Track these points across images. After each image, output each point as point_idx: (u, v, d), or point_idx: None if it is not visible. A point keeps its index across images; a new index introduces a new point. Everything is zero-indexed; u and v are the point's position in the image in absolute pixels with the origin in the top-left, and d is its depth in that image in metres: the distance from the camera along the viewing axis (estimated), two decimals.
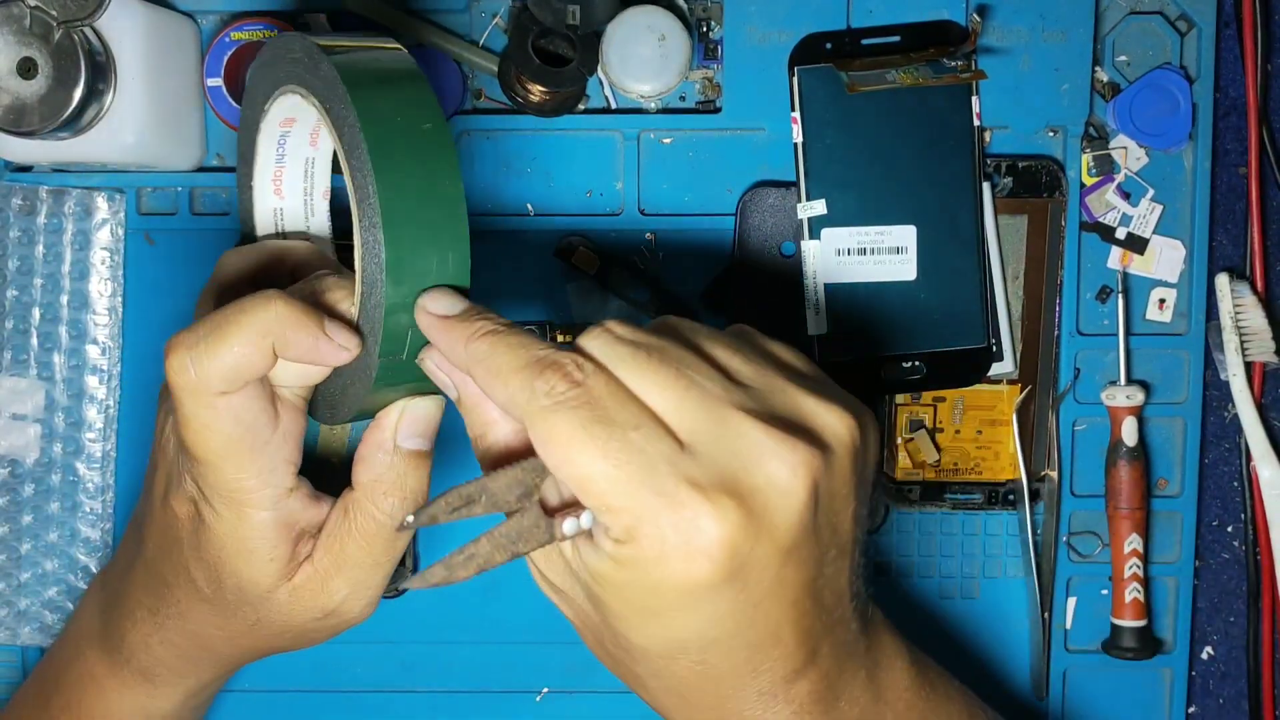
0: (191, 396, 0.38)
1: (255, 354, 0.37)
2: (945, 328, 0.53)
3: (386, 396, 0.40)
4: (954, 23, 0.53)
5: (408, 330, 0.38)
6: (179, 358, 0.37)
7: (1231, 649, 0.57)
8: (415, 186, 0.37)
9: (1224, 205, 0.56)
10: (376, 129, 0.36)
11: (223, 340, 0.37)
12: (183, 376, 0.37)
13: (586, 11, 0.50)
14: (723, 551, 0.34)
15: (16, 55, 0.47)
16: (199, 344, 0.37)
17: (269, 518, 0.40)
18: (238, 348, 0.37)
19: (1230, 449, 0.57)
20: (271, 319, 0.37)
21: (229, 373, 0.37)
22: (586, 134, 0.54)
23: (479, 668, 0.56)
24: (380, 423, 0.41)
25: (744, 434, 0.35)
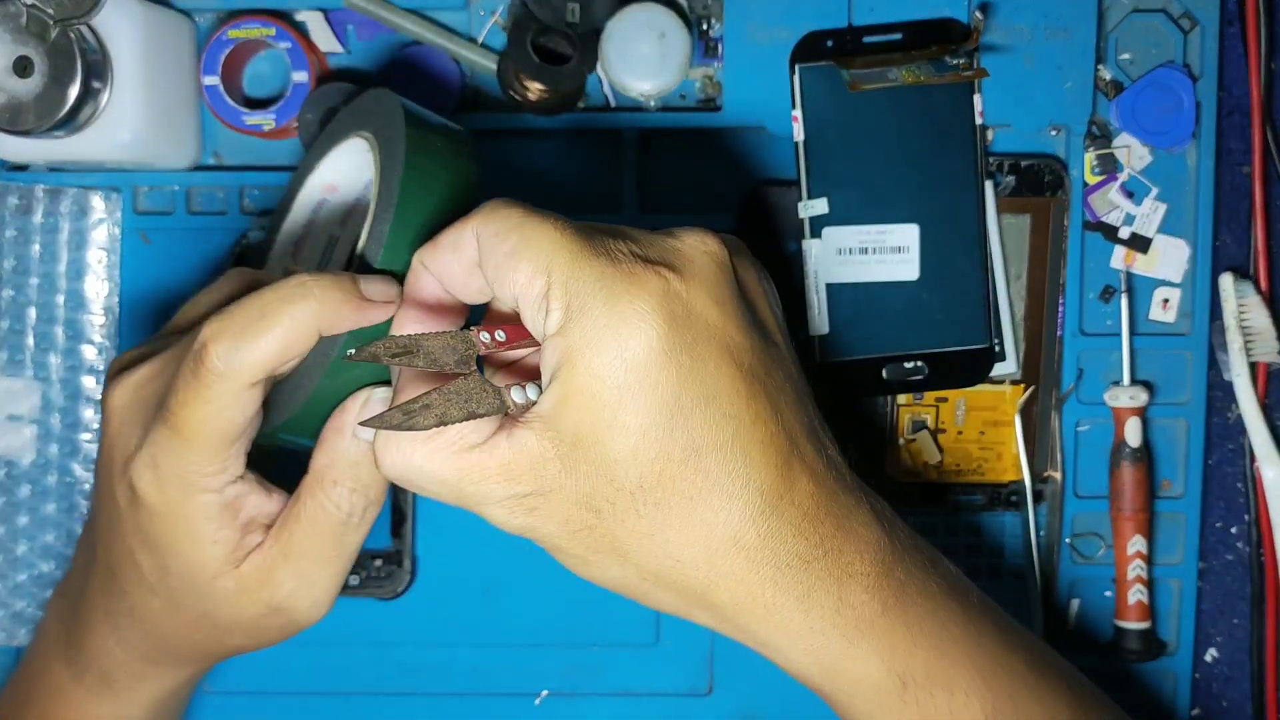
0: (223, 382, 0.37)
1: (298, 343, 0.38)
2: (947, 327, 0.53)
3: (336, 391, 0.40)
4: (956, 20, 0.53)
5: None
6: (223, 344, 0.37)
7: (1236, 651, 0.57)
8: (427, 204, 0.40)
9: (1228, 205, 0.56)
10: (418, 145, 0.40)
11: (270, 330, 0.37)
12: (223, 362, 0.37)
13: (586, 9, 0.50)
14: (659, 298, 0.35)
15: (12, 54, 0.46)
16: (246, 332, 0.37)
17: (214, 500, 0.40)
18: (288, 336, 0.37)
19: (1234, 450, 0.57)
20: (317, 303, 0.37)
21: (269, 364, 0.38)
22: (586, 133, 0.54)
23: (478, 670, 0.56)
24: (344, 407, 0.40)
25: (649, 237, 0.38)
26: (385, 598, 0.55)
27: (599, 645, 0.56)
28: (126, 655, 0.44)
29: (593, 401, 0.35)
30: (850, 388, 0.53)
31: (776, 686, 0.56)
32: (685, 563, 0.37)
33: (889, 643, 0.38)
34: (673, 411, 0.36)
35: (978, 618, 0.41)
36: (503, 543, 0.55)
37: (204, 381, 0.38)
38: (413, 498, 0.55)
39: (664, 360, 0.35)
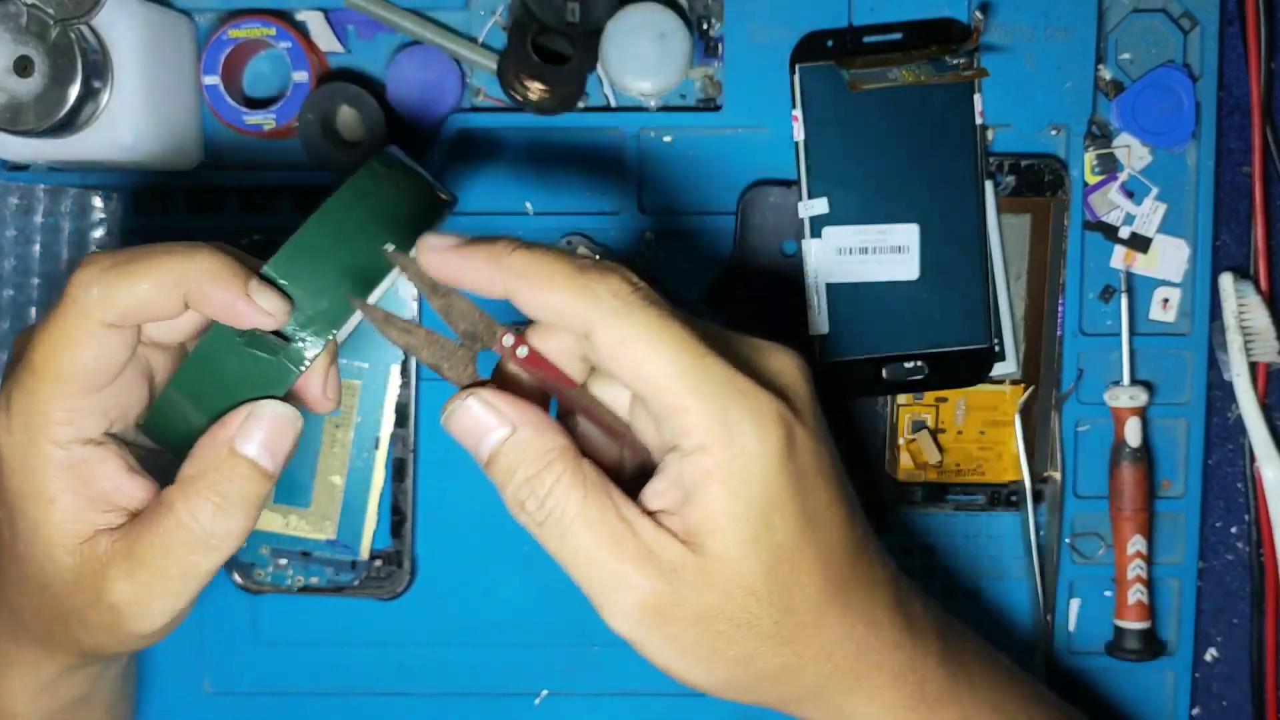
0: (79, 313, 0.37)
1: (163, 298, 0.37)
2: (947, 327, 0.53)
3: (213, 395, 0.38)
4: (956, 20, 0.53)
5: None
6: (89, 273, 0.37)
7: (1235, 651, 0.57)
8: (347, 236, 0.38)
9: (1228, 204, 0.56)
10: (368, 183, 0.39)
11: (138, 274, 0.37)
12: (82, 291, 0.36)
13: (586, 9, 0.50)
14: (783, 427, 0.36)
15: (13, 53, 0.46)
16: (113, 269, 0.37)
17: (60, 456, 0.38)
18: (149, 287, 0.37)
19: (1234, 450, 0.57)
20: (193, 269, 0.37)
21: (130, 308, 0.37)
22: (586, 133, 0.54)
23: (478, 670, 0.56)
24: (223, 421, 0.38)
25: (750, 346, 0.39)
26: (385, 598, 0.55)
27: (599, 645, 0.56)
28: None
29: (741, 523, 0.36)
30: (850, 387, 0.53)
31: None
32: (806, 660, 0.39)
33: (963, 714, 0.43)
34: (806, 524, 0.37)
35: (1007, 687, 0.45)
36: (502, 543, 0.56)
37: (62, 309, 0.37)
38: (413, 497, 0.55)
39: (797, 483, 0.37)
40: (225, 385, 0.38)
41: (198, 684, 0.56)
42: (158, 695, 0.56)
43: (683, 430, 0.36)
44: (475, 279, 0.37)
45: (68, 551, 0.38)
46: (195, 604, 0.40)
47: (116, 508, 0.39)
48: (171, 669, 0.56)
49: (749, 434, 0.36)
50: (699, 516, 0.36)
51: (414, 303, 0.54)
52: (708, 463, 0.36)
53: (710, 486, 0.36)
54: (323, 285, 0.38)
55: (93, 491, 0.38)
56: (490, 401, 0.37)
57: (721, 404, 0.36)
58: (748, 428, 0.36)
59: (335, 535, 0.54)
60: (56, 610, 0.39)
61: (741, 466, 0.36)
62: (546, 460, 0.37)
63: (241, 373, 0.38)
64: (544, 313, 0.37)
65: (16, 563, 0.40)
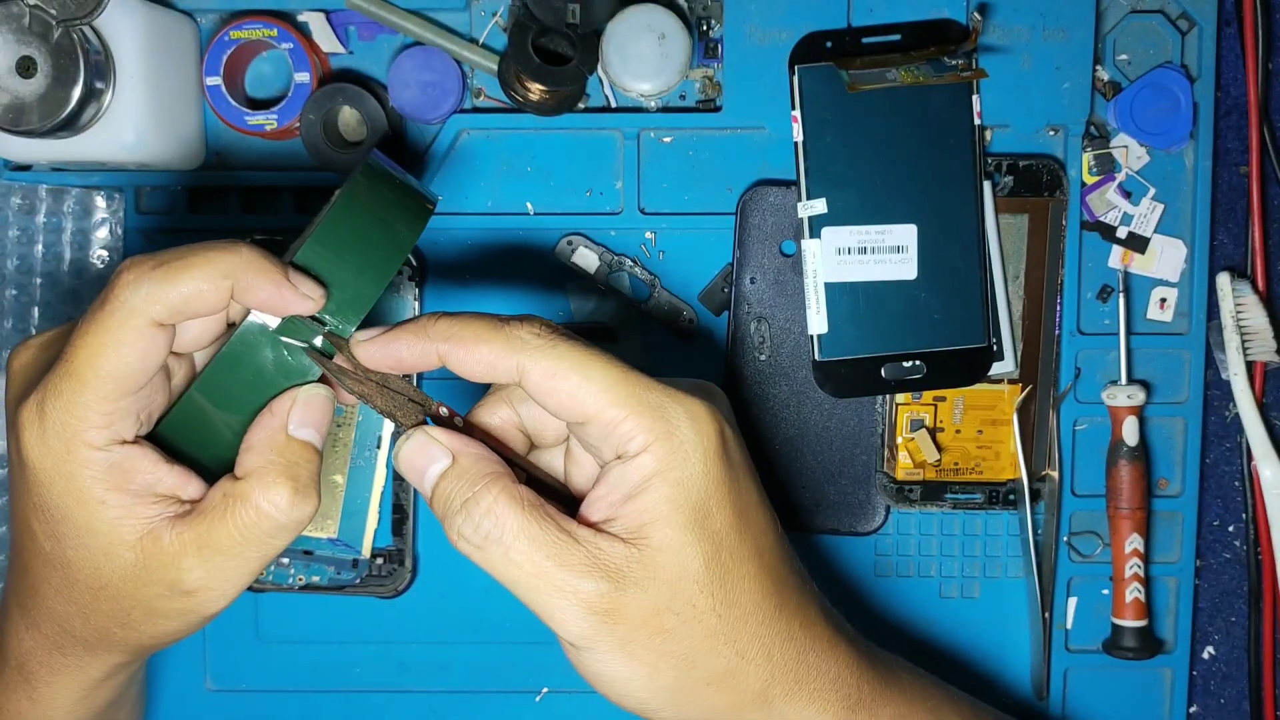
0: (127, 312, 0.37)
1: (212, 292, 0.38)
2: (946, 327, 0.53)
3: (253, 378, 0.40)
4: (955, 21, 0.53)
5: None
6: (135, 273, 0.37)
7: (1233, 649, 0.57)
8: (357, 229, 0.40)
9: (1225, 204, 0.56)
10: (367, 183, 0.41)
11: (185, 270, 0.37)
12: (130, 291, 0.37)
13: (586, 10, 0.50)
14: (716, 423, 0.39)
15: (16, 54, 0.47)
16: (161, 267, 0.37)
17: (100, 458, 0.38)
18: (199, 283, 0.37)
19: (1231, 448, 0.57)
20: (237, 262, 0.38)
21: (179, 303, 0.37)
22: (586, 133, 0.54)
23: (479, 668, 0.56)
24: (273, 409, 0.40)
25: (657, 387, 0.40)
26: (386, 596, 0.55)
27: None
28: (36, 643, 0.42)
29: (681, 510, 0.38)
30: (849, 387, 0.53)
31: None
32: (748, 659, 0.40)
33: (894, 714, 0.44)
34: (740, 516, 0.39)
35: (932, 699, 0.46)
36: None
37: (108, 310, 0.37)
38: (414, 496, 0.55)
39: (731, 475, 0.39)
40: (257, 381, 0.39)
41: (200, 681, 0.56)
42: (161, 692, 0.56)
43: (625, 438, 0.38)
44: (410, 356, 0.39)
45: (128, 548, 0.39)
46: None
47: (162, 497, 0.40)
48: (174, 666, 0.56)
49: (686, 428, 0.38)
50: (641, 510, 0.38)
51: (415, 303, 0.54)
52: (649, 460, 0.38)
53: (652, 480, 0.38)
54: (345, 276, 0.40)
55: (137, 486, 0.39)
56: (433, 435, 0.40)
57: (658, 408, 0.38)
58: (685, 423, 0.38)
59: (337, 534, 0.54)
60: (116, 607, 0.40)
61: (682, 458, 0.38)
62: (483, 482, 0.39)
63: (275, 366, 0.39)
64: (477, 368, 0.39)
65: (62, 569, 0.40)
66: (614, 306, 0.55)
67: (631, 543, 0.38)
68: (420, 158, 0.54)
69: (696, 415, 0.39)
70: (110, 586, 0.40)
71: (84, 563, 0.40)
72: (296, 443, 0.40)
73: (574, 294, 0.55)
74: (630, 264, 0.54)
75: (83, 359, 0.38)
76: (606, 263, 0.54)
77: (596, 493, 0.39)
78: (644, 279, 0.55)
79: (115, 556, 0.39)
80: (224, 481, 0.40)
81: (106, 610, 0.40)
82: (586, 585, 0.38)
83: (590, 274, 0.54)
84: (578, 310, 0.55)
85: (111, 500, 0.39)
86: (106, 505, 0.39)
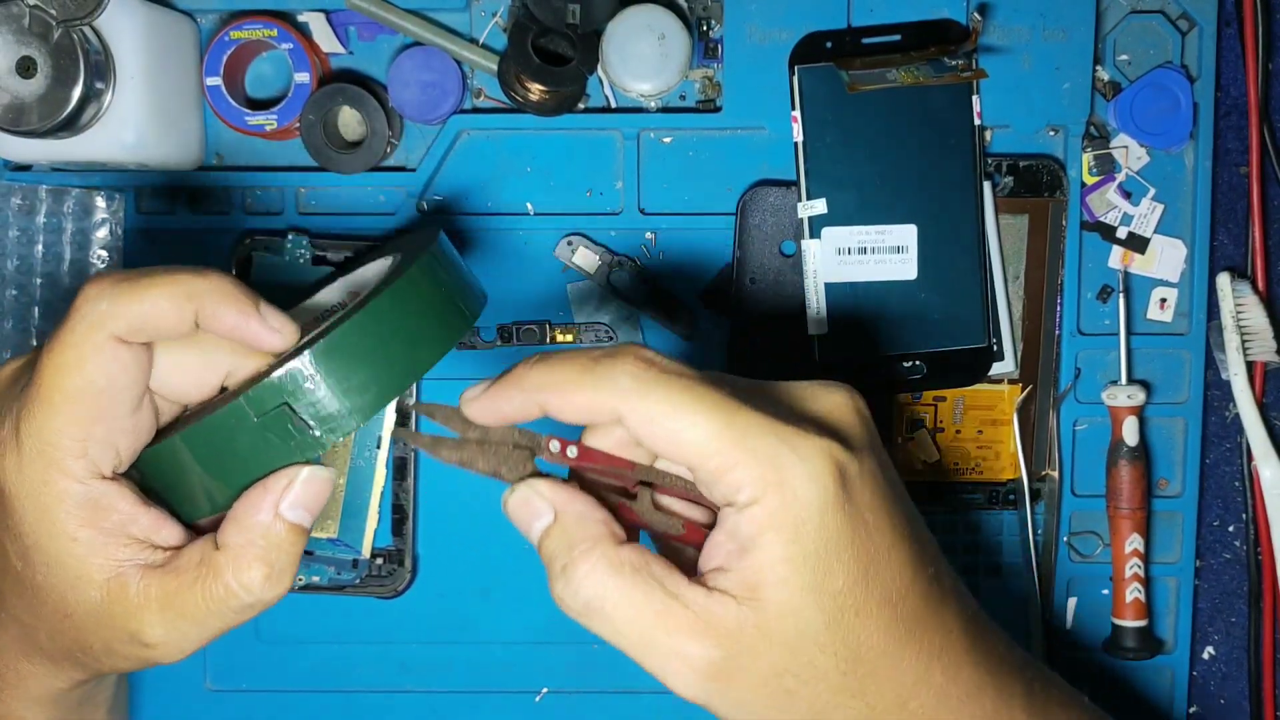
0: (88, 327, 0.37)
1: (174, 311, 0.37)
2: (946, 327, 0.53)
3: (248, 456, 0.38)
4: (955, 22, 0.53)
5: None
6: (98, 287, 0.37)
7: (1233, 649, 0.57)
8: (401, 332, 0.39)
9: (1225, 204, 0.56)
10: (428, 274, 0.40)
11: (148, 287, 0.37)
12: (91, 305, 0.37)
13: (586, 10, 0.50)
14: (833, 466, 0.36)
15: (16, 54, 0.47)
16: (124, 282, 0.37)
17: (77, 491, 0.38)
18: (160, 300, 0.37)
19: (1231, 449, 0.57)
20: (203, 285, 0.37)
21: (139, 319, 0.37)
22: (586, 133, 0.54)
23: (478, 668, 0.56)
24: (266, 485, 0.38)
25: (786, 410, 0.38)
26: (386, 596, 0.55)
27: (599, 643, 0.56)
28: (2, 646, 0.42)
29: (799, 571, 0.35)
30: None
31: None
32: (879, 710, 0.37)
33: None
34: (868, 567, 0.36)
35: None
36: (503, 542, 0.56)
37: (69, 326, 0.37)
38: (414, 495, 0.55)
39: (855, 522, 0.36)
40: (237, 455, 0.38)
41: (199, 681, 0.56)
42: (159, 693, 0.56)
43: (734, 488, 0.36)
44: (511, 409, 0.38)
45: (95, 587, 0.39)
46: None
47: (134, 540, 0.39)
48: (173, 667, 0.56)
49: (800, 479, 0.35)
50: (755, 567, 0.36)
51: None
52: (760, 513, 0.35)
53: (765, 535, 0.35)
54: (351, 386, 0.38)
55: (111, 526, 0.39)
56: (537, 489, 0.38)
57: (767, 454, 0.35)
58: (798, 473, 0.35)
59: (337, 534, 0.54)
60: (79, 636, 0.40)
61: (795, 513, 0.35)
62: (582, 547, 0.37)
63: (252, 449, 0.38)
64: (576, 415, 0.37)
65: (31, 590, 0.40)
66: (614, 306, 0.55)
67: (745, 603, 0.36)
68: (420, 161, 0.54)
69: (812, 462, 0.35)
70: (74, 616, 0.39)
71: (52, 589, 0.39)
72: (284, 524, 0.38)
73: (574, 294, 0.55)
74: (630, 264, 0.54)
75: (48, 377, 0.37)
76: (606, 263, 0.54)
77: (715, 539, 0.37)
78: (644, 279, 0.55)
79: (81, 591, 0.39)
80: (202, 545, 0.39)
81: (70, 635, 0.40)
82: (695, 650, 0.36)
83: (590, 274, 0.54)
84: (578, 310, 0.55)
85: (83, 537, 0.38)
86: (78, 542, 0.38)
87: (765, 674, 0.36)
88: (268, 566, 0.38)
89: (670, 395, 0.36)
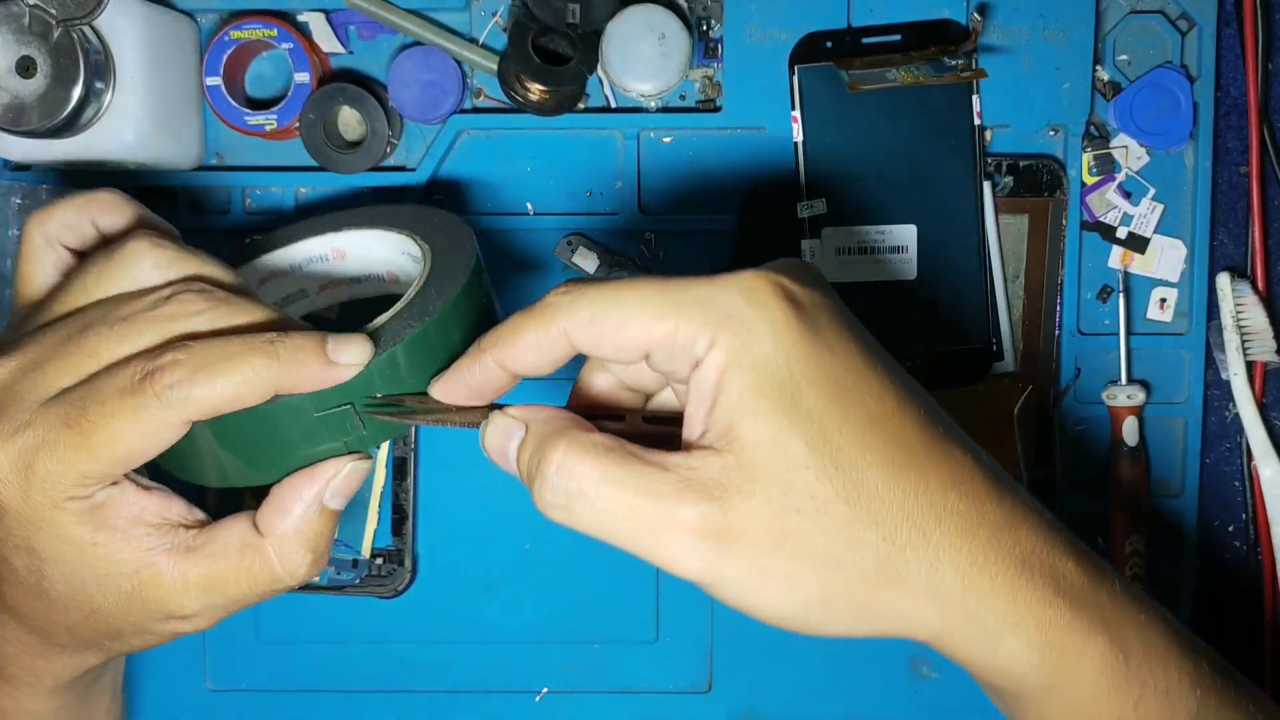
0: (165, 413, 0.36)
1: (254, 395, 0.37)
2: (946, 327, 0.53)
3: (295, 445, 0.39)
4: (954, 21, 0.53)
5: None
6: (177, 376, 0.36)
7: (1233, 649, 0.57)
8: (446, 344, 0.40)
9: (1225, 204, 0.56)
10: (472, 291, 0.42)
11: (224, 375, 0.36)
12: (171, 394, 0.36)
13: (586, 10, 0.50)
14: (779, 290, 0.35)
15: (15, 54, 0.47)
16: (201, 370, 0.36)
17: (84, 506, 0.38)
18: (241, 387, 0.37)
19: (1231, 449, 0.57)
20: (277, 367, 0.37)
21: (219, 407, 0.37)
22: (586, 133, 0.54)
23: (478, 668, 0.56)
24: (314, 475, 0.39)
25: None
26: (386, 596, 0.55)
27: (599, 642, 0.56)
28: (16, 650, 0.42)
29: (765, 395, 0.34)
30: None
31: (776, 684, 0.56)
32: (900, 544, 0.34)
33: (1104, 616, 0.36)
34: (840, 385, 0.35)
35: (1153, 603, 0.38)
36: (503, 541, 0.56)
37: (143, 404, 0.36)
38: (414, 495, 0.55)
39: (816, 342, 0.35)
40: (276, 441, 0.39)
41: (199, 681, 0.56)
42: (160, 693, 0.56)
43: (687, 344, 0.35)
44: (476, 380, 0.38)
45: (125, 579, 0.39)
46: None
47: (151, 526, 0.39)
48: (173, 667, 0.56)
49: (743, 308, 0.34)
50: (725, 409, 0.34)
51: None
52: (718, 356, 0.34)
53: (726, 375, 0.34)
54: (411, 387, 0.39)
55: (125, 521, 0.39)
56: (506, 411, 0.37)
57: (705, 300, 0.35)
58: (740, 303, 0.34)
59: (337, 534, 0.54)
60: (107, 627, 0.40)
61: (751, 344, 0.34)
62: (551, 442, 0.35)
63: (298, 439, 0.39)
64: (532, 357, 0.37)
65: (48, 599, 0.40)
66: None
67: (724, 449, 0.34)
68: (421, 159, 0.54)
69: (751, 289, 0.35)
70: (102, 611, 0.40)
71: (75, 594, 0.39)
72: (328, 513, 0.40)
73: None
74: (630, 264, 0.54)
75: (102, 439, 0.37)
76: (606, 263, 0.54)
77: (687, 412, 0.35)
78: None
79: (110, 586, 0.39)
80: (241, 526, 0.39)
81: (98, 628, 0.40)
82: (687, 511, 0.34)
83: (590, 274, 0.54)
84: None
85: (102, 539, 0.38)
86: (98, 545, 0.38)
87: (765, 520, 0.34)
88: (313, 553, 0.40)
89: (600, 294, 0.35)
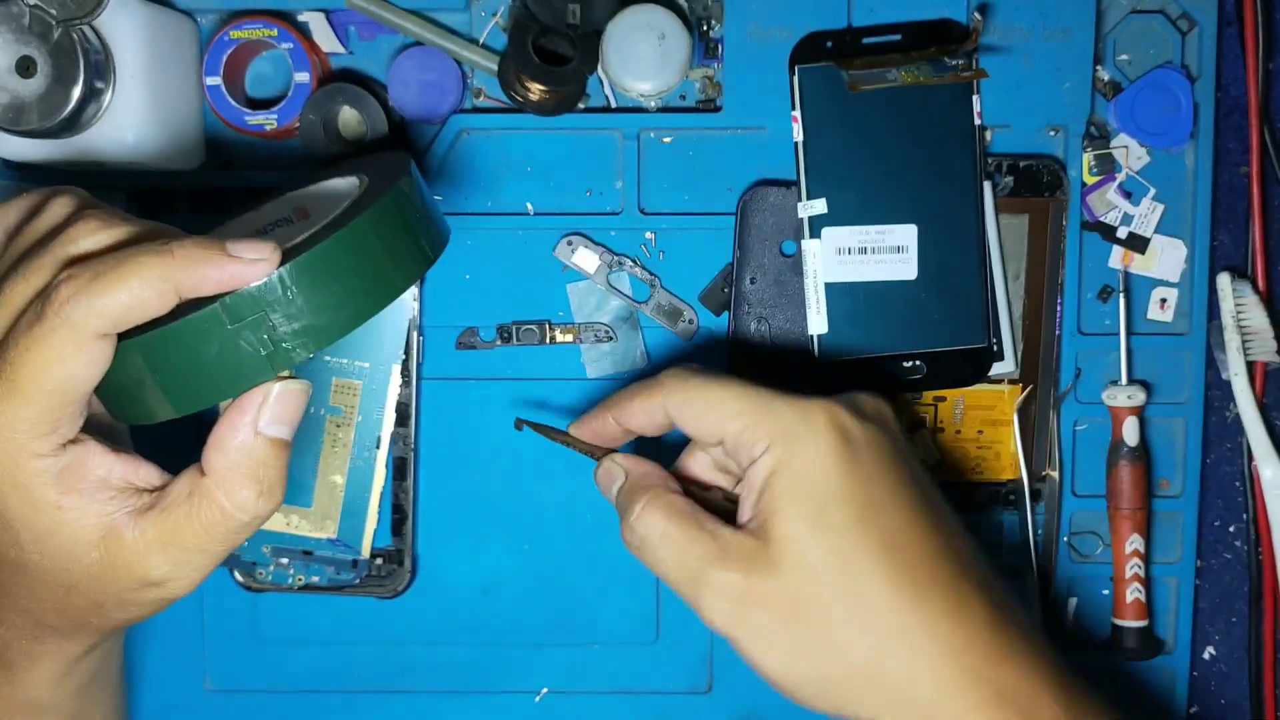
0: (69, 329, 0.36)
1: (155, 297, 0.37)
2: (946, 327, 0.53)
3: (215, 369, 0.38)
4: (955, 21, 0.53)
5: None
6: (72, 287, 0.36)
7: (1233, 649, 0.57)
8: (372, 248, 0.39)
9: (1225, 204, 0.56)
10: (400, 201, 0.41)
11: (124, 278, 0.36)
12: (70, 307, 0.36)
13: (586, 10, 0.50)
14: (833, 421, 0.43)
15: (15, 54, 0.47)
16: (98, 279, 0.36)
17: (49, 465, 0.38)
18: (139, 289, 0.36)
19: (1232, 449, 0.57)
20: (174, 261, 0.37)
21: (122, 313, 0.37)
22: (586, 133, 0.54)
23: (478, 668, 0.56)
24: (241, 405, 0.39)
25: None
26: (386, 596, 0.55)
27: (598, 644, 0.56)
28: (12, 635, 0.42)
29: (798, 503, 0.42)
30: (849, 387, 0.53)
31: None
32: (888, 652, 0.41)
33: None
34: (865, 510, 0.42)
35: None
36: (503, 542, 0.56)
37: (50, 328, 0.36)
38: (414, 496, 0.55)
39: (855, 471, 0.42)
40: (203, 363, 0.38)
41: (199, 682, 0.56)
42: (158, 693, 0.56)
43: (750, 444, 0.43)
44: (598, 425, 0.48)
45: (92, 547, 0.39)
46: None
47: (116, 490, 0.39)
48: (172, 667, 0.56)
49: (804, 432, 0.43)
50: (765, 504, 0.42)
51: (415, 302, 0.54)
52: (769, 460, 0.43)
53: (772, 478, 0.42)
54: (328, 302, 0.38)
55: (91, 484, 0.39)
56: (614, 459, 0.47)
57: (780, 416, 0.43)
58: (802, 428, 0.43)
59: (336, 534, 0.54)
60: (88, 602, 0.40)
61: (796, 458, 0.42)
62: (640, 493, 0.45)
63: (222, 358, 0.38)
64: (641, 420, 0.46)
65: (29, 572, 0.40)
66: (614, 306, 0.55)
67: (758, 536, 0.42)
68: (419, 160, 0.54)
69: (810, 414, 0.43)
70: (79, 585, 0.40)
71: (50, 565, 0.39)
72: (264, 440, 0.39)
73: (574, 294, 0.55)
74: (630, 264, 0.54)
75: (26, 376, 0.37)
76: (606, 263, 0.54)
77: (740, 497, 0.44)
78: (644, 279, 0.55)
79: (80, 557, 0.39)
80: (188, 477, 0.39)
81: (79, 605, 0.40)
82: (720, 576, 0.42)
83: (590, 274, 0.54)
84: (578, 310, 0.55)
85: (68, 503, 0.38)
86: (64, 509, 0.38)
87: (782, 600, 0.41)
88: (257, 484, 0.39)
89: (701, 384, 0.45)
